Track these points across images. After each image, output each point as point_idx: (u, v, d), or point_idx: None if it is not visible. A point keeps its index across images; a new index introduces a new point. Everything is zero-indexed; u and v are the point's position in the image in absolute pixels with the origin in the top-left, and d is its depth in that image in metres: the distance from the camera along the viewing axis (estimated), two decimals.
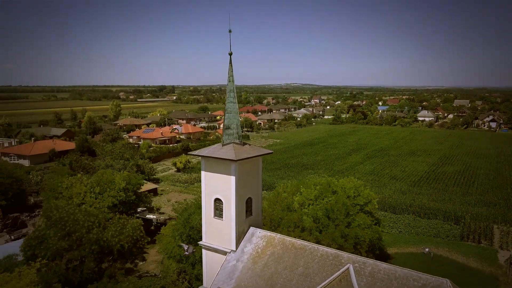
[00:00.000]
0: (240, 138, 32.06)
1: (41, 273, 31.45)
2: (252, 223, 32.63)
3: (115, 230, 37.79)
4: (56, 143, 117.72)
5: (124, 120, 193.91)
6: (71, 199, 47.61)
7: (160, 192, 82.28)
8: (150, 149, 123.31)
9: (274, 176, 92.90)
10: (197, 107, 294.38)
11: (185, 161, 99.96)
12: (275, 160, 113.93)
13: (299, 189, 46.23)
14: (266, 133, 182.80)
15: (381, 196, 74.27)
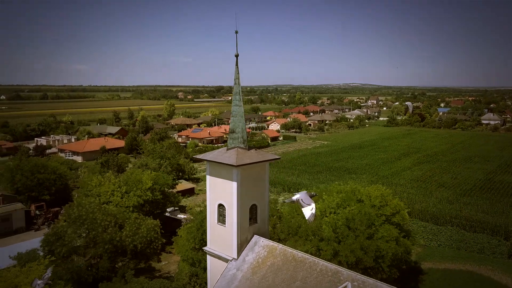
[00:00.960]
0: (245, 142, 30.94)
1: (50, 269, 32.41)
2: (257, 231, 31.42)
3: (129, 230, 38.21)
4: (108, 141, 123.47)
5: (176, 120, 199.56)
6: (99, 197, 49.06)
7: (198, 191, 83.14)
8: (196, 149, 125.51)
9: (313, 180, 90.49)
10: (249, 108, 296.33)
11: None
12: (318, 163, 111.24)
13: (322, 196, 44.20)
14: (314, 135, 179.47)
15: (424, 205, 69.72)
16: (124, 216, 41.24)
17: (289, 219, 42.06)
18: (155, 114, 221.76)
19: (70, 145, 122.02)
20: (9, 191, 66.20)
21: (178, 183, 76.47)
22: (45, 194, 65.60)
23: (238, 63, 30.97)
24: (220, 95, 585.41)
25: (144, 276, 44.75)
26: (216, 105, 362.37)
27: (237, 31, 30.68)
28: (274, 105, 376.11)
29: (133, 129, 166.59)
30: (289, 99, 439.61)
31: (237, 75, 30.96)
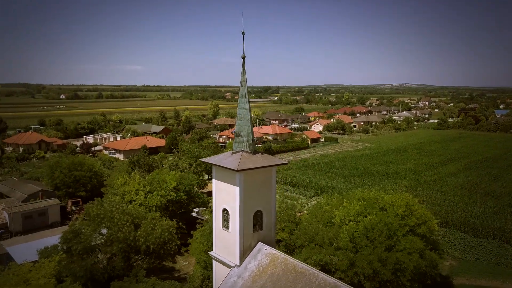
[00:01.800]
0: (251, 146, 30.09)
1: (61, 265, 33.39)
2: (262, 239, 30.45)
3: (144, 231, 38.59)
4: (149, 140, 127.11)
5: (219, 120, 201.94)
6: (124, 195, 50.16)
7: None
8: None
9: (349, 184, 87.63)
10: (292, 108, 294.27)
11: None
12: (357, 166, 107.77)
13: (343, 202, 42.35)
14: (358, 137, 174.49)
15: (465, 215, 65.22)
16: (142, 216, 41.77)
17: (306, 226, 40.64)
18: (200, 114, 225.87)
19: (114, 143, 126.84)
20: (49, 186, 69.58)
21: (208, 183, 76.78)
22: (81, 190, 68.34)
23: (245, 65, 30.15)
24: (266, 95, 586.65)
25: (162, 276, 45.28)
26: (261, 105, 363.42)
27: (243, 32, 29.87)
28: (320, 106, 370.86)
29: (177, 129, 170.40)
30: (336, 100, 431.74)
31: (243, 77, 30.14)
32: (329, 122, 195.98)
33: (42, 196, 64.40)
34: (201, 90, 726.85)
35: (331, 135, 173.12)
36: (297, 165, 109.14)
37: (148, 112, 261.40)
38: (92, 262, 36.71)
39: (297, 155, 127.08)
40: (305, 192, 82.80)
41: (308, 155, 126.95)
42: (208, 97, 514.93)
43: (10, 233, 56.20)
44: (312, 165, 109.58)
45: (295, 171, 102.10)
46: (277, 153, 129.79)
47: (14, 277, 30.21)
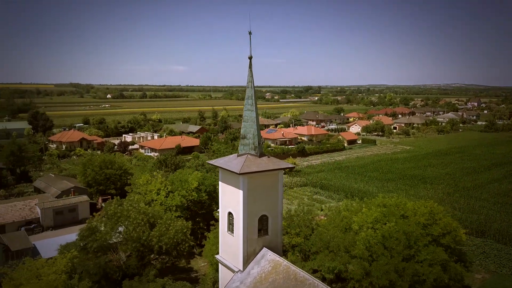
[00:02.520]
0: (256, 149, 29.32)
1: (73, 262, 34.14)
2: (268, 244, 29.62)
3: (157, 231, 38.80)
4: (184, 139, 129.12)
5: None
6: (146, 195, 50.87)
7: None
8: (267, 150, 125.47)
9: (382, 188, 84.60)
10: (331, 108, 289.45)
11: (292, 163, 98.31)
12: (393, 169, 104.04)
13: (362, 208, 40.63)
14: (398, 139, 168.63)
15: (505, 225, 61.01)
16: (158, 216, 42.06)
17: (322, 231, 39.29)
18: (237, 114, 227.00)
19: (150, 142, 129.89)
20: (82, 184, 72.08)
21: None
22: (111, 188, 70.25)
23: (252, 66, 29.46)
24: (307, 95, 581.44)
25: (180, 276, 45.51)
26: (300, 105, 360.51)
27: (250, 31, 29.19)
28: (361, 106, 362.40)
29: (213, 129, 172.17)
30: (379, 100, 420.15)
31: (250, 78, 29.47)
32: (368, 123, 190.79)
33: (74, 192, 66.73)
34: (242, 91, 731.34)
35: (369, 136, 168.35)
36: (330, 167, 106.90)
37: (187, 112, 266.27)
38: (106, 260, 37.28)
39: (331, 157, 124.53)
40: (335, 195, 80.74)
41: (342, 157, 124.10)
42: None
43: (42, 228, 58.65)
44: (345, 167, 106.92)
45: (327, 173, 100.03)
46: (310, 154, 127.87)
47: (28, 272, 31.20)
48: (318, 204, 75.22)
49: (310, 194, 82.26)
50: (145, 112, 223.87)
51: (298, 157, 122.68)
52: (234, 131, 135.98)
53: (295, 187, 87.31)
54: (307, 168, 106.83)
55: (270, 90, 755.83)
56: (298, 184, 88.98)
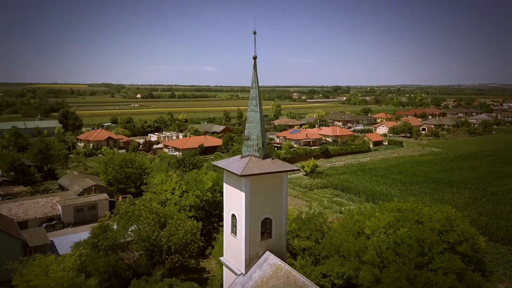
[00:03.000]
0: (260, 150, 28.83)
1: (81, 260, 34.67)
2: (271, 248, 29.06)
3: (167, 231, 38.93)
4: (207, 139, 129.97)
5: (280, 120, 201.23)
6: (161, 194, 51.28)
7: None
8: (290, 150, 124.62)
9: (405, 191, 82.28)
10: (359, 109, 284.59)
11: (312, 165, 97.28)
12: (418, 172, 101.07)
13: (376, 212, 39.41)
14: (426, 140, 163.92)
15: None
16: (170, 216, 42.23)
17: (332, 235, 38.37)
18: None
19: (174, 141, 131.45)
20: (104, 182, 73.53)
21: None
22: (131, 187, 71.32)
23: (256, 66, 29.02)
24: (335, 95, 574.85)
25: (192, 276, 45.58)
26: (327, 105, 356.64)
27: (255, 31, 28.74)
28: (390, 107, 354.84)
29: (237, 129, 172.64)
30: (409, 101, 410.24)
31: (254, 78, 29.04)
32: (395, 124, 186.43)
33: (95, 190, 68.12)
34: (269, 90, 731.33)
35: (396, 138, 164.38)
36: (353, 169, 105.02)
37: (213, 112, 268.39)
38: (117, 259, 37.69)
39: (356, 159, 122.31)
40: (356, 198, 79.07)
41: (367, 159, 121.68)
42: (275, 97, 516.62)
43: (63, 224, 60.13)
44: (369, 169, 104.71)
45: (349, 175, 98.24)
46: (334, 155, 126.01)
47: (37, 268, 31.88)
48: (337, 206, 73.90)
49: (330, 196, 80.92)
50: (172, 112, 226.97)
51: (321, 158, 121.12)
52: None
53: (315, 189, 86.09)
54: (329, 169, 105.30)
55: (297, 90, 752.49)
56: (318, 186, 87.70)
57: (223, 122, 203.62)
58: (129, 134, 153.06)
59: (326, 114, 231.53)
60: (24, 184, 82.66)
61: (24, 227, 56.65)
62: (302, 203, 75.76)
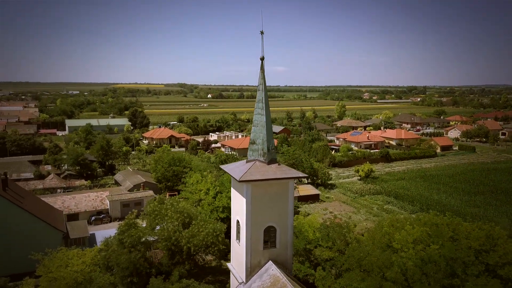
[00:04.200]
0: (265, 155, 27.69)
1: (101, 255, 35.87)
2: (275, 257, 27.84)
3: (189, 231, 39.05)
4: None
5: (343, 121, 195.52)
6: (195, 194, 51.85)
7: (325, 199, 79.38)
8: (348, 153, 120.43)
9: (466, 202, 75.54)
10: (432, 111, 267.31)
11: (367, 169, 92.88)
12: (487, 181, 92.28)
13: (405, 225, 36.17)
14: (504, 146, 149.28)
15: None
16: (195, 216, 42.40)
17: (356, 247, 35.85)
18: (325, 115, 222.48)
19: (230, 141, 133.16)
20: (154, 179, 76.36)
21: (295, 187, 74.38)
22: (178, 184, 73.20)
23: (263, 67, 27.89)
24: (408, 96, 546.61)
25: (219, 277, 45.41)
26: (398, 106, 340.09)
27: (262, 31, 27.59)
28: (469, 109, 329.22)
29: (297, 129, 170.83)
30: (492, 102, 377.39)
31: (261, 80, 27.98)
32: (470, 128, 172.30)
33: (144, 187, 70.94)
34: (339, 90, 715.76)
35: (469, 143, 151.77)
36: (412, 175, 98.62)
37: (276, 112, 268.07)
38: (139, 256, 38.48)
39: (418, 164, 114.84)
40: (408, 206, 73.95)
41: (431, 165, 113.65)
42: (344, 97, 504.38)
43: (110, 218, 63.29)
44: (430, 176, 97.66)
45: (407, 181, 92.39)
46: (395, 160, 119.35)
47: (59, 261, 33.56)
48: (386, 214, 69.57)
49: (381, 203, 76.58)
50: (236, 112, 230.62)
51: (381, 163, 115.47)
52: (312, 133, 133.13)
53: (367, 194, 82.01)
54: (386, 175, 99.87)
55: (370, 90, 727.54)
56: (371, 191, 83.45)
57: (284, 122, 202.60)
58: (191, 133, 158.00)
59: (394, 115, 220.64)
60: (87, 178, 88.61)
61: (75, 219, 60.58)
62: (349, 209, 72.58)
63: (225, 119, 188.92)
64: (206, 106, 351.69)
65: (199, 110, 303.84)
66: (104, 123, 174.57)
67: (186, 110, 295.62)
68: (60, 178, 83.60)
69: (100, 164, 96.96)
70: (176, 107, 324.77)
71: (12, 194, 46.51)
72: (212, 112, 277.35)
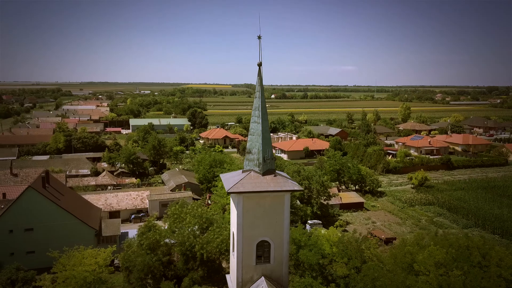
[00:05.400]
0: (260, 166, 26.29)
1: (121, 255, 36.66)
2: (269, 273, 26.40)
3: (204, 238, 38.76)
4: (315, 142, 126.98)
5: (406, 124, 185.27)
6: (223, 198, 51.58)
7: (370, 207, 75.36)
8: (405, 159, 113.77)
9: None
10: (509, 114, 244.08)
11: (421, 177, 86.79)
12: None
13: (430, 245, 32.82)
14: None
15: None
16: (215, 221, 42.06)
17: (370, 265, 33.17)
18: (388, 117, 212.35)
19: (281, 143, 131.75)
20: (197, 180, 77.59)
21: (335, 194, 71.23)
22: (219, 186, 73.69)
23: (261, 73, 26.53)
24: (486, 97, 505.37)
25: None
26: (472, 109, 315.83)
27: (260, 36, 26.22)
28: None
29: (354, 132, 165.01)
30: None
31: (258, 87, 26.64)
32: None
33: (185, 187, 72.34)
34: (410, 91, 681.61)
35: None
36: (474, 186, 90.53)
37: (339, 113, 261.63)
38: (155, 259, 38.92)
39: (484, 173, 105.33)
40: (462, 220, 67.82)
41: (498, 174, 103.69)
42: (414, 99, 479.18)
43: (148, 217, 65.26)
44: (494, 187, 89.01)
45: (466, 192, 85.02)
46: (458, 168, 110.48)
47: (74, 259, 34.87)
48: (435, 228, 64.40)
49: (432, 215, 71.09)
50: (294, 113, 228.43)
51: (440, 170, 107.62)
52: (368, 136, 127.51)
53: (417, 205, 76.61)
54: (444, 184, 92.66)
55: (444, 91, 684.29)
56: (422, 202, 77.83)
57: (344, 124, 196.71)
58: (246, 134, 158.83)
59: (466, 118, 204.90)
60: (139, 176, 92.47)
61: (116, 216, 63.25)
62: (393, 220, 68.25)
63: (281, 120, 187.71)
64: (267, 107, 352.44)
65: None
66: (165, 122, 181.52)
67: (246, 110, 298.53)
68: (112, 175, 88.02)
69: (152, 163, 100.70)
70: (238, 108, 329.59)
71: (51, 191, 49.46)
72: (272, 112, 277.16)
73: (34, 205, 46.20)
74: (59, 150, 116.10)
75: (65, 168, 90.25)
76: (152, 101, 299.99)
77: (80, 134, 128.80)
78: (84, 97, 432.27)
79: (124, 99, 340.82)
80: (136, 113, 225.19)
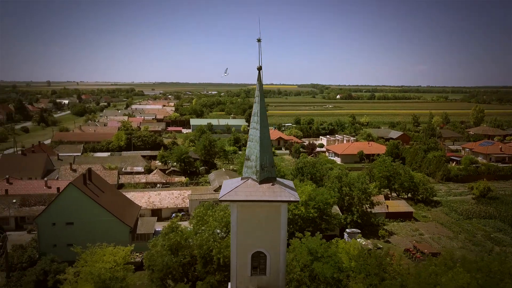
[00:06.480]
0: (258, 173, 25.34)
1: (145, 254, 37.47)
2: (265, 286, 25.46)
3: (222, 242, 38.52)
4: (371, 146, 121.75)
5: (478, 128, 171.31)
6: None
7: (421, 218, 70.48)
8: (470, 166, 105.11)
9: None
10: None
11: (483, 187, 79.52)
12: None
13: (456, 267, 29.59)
14: None
15: None
16: None
17: (389, 284, 30.61)
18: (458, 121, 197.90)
19: (335, 146, 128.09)
20: None
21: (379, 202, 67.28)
22: None
23: (261, 78, 25.53)
24: None
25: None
26: None
27: (259, 39, 25.16)
28: None
29: (418, 136, 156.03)
30: None
31: (257, 92, 25.68)
32: None
33: None
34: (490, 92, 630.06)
35: None
36: None
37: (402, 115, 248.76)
38: (175, 260, 39.40)
39: None
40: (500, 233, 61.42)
41: None
42: (494, 100, 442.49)
43: (189, 216, 66.56)
44: None
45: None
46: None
47: (96, 255, 36.32)
48: (491, 245, 58.67)
49: (490, 230, 64.85)
50: (356, 114, 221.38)
51: (511, 180, 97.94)
52: (430, 141, 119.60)
53: (475, 218, 70.29)
54: (511, 195, 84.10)
55: None
56: (481, 214, 71.28)
57: (407, 127, 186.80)
58: (301, 135, 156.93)
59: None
60: (190, 175, 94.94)
61: (158, 214, 65.40)
62: (445, 233, 63.19)
63: (340, 122, 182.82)
64: (331, 108, 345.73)
65: (321, 111, 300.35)
66: (224, 123, 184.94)
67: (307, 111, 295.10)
68: (163, 173, 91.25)
69: (203, 163, 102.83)
70: (300, 108, 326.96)
71: (92, 187, 52.22)
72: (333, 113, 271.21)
73: (74, 200, 49.09)
74: (120, 148, 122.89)
75: (122, 165, 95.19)
76: (216, 102, 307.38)
77: (141, 132, 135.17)
78: (154, 96, 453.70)
79: (190, 99, 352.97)
80: (199, 113, 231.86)
